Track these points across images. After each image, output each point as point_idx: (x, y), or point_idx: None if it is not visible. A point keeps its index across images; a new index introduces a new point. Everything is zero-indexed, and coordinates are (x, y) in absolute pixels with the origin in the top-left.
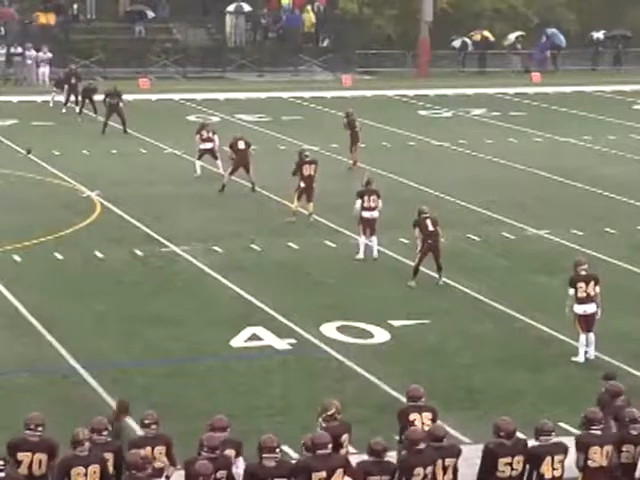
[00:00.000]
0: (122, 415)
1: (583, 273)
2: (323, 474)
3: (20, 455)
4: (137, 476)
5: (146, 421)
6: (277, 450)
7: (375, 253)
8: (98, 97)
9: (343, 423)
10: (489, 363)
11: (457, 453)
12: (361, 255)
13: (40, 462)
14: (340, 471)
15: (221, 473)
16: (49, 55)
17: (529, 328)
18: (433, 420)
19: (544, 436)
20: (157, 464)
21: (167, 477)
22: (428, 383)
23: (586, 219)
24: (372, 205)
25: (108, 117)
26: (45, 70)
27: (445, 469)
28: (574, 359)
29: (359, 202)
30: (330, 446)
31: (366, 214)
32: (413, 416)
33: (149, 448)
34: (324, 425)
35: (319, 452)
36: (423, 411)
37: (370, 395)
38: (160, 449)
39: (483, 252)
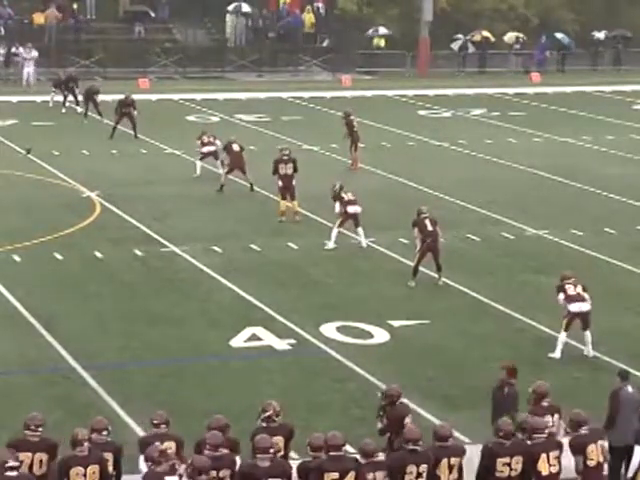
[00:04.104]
0: (513, 378)
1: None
2: (336, 475)
3: (21, 455)
4: (155, 470)
5: (155, 421)
6: (271, 450)
7: (364, 243)
8: (102, 97)
9: (283, 425)
10: (489, 363)
11: (462, 452)
12: (331, 245)
13: (40, 462)
14: (352, 474)
15: (224, 472)
16: (34, 54)
17: (529, 328)
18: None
19: (537, 434)
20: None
21: (180, 476)
22: (427, 383)
23: (586, 219)
24: (352, 198)
25: (118, 122)
26: (30, 70)
27: (450, 468)
28: (551, 355)
29: (338, 204)
30: (344, 448)
31: (351, 209)
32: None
33: (158, 443)
34: (263, 426)
35: (332, 453)
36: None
37: (370, 395)
38: (169, 444)
39: (483, 252)
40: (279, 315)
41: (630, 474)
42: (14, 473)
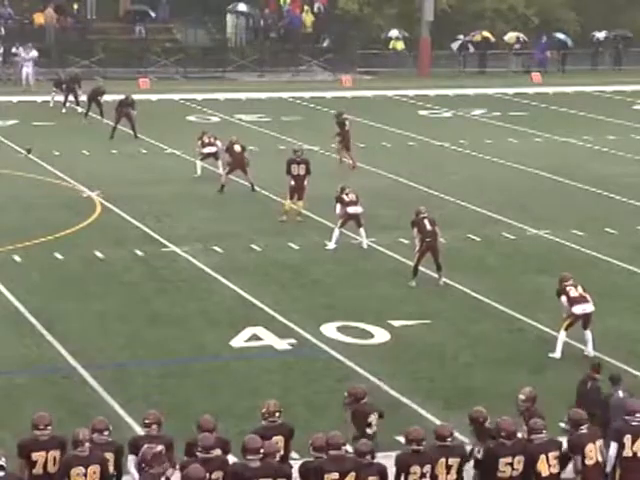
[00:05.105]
0: (597, 373)
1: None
2: (336, 475)
3: (34, 455)
4: (150, 472)
5: (147, 421)
6: (261, 451)
7: (365, 244)
8: (106, 98)
9: (283, 425)
10: (489, 363)
11: (462, 453)
12: (332, 246)
13: (54, 459)
14: (353, 474)
15: (217, 474)
16: (33, 54)
17: (529, 328)
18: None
19: (535, 434)
20: None
21: (167, 478)
22: (428, 383)
23: (586, 219)
24: (353, 199)
25: (117, 122)
26: (29, 70)
27: (448, 468)
28: (551, 355)
29: (339, 206)
30: (344, 448)
31: (351, 209)
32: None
33: (153, 445)
34: (263, 424)
35: (332, 453)
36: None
37: (370, 395)
38: (160, 448)
39: (483, 252)
40: (279, 315)
41: (608, 469)
42: (1, 473)
